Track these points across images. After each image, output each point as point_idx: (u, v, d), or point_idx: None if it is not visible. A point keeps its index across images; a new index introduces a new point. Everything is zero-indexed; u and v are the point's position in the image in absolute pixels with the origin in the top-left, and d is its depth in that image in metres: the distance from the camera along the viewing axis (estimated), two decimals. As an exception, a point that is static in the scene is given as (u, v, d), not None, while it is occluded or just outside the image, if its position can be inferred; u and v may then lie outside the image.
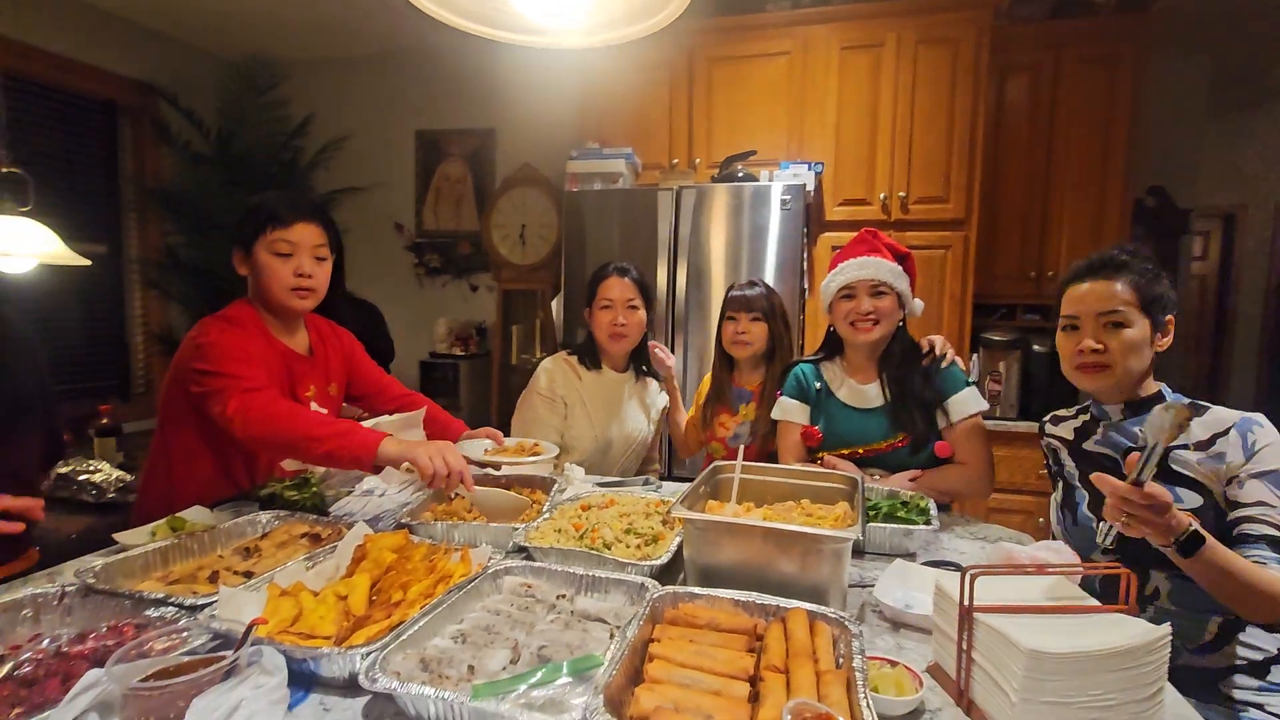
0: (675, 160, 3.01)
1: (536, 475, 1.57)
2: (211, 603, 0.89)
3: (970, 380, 1.65)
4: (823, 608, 0.90)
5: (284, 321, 1.56)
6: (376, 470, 1.26)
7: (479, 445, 1.67)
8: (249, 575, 1.04)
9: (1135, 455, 0.94)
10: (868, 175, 2.82)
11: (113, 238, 3.69)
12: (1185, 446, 1.18)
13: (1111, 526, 0.96)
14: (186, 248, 3.88)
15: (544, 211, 3.66)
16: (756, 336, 1.91)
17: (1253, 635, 1.15)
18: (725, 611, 0.92)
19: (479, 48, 3.85)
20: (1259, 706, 1.12)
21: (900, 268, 1.67)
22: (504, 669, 0.81)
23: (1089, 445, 1.31)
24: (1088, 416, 1.35)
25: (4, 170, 2.12)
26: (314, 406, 1.56)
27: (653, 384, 2.13)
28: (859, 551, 1.31)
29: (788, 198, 2.60)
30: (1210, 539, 0.99)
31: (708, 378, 2.11)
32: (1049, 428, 1.44)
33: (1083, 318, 1.24)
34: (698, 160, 2.99)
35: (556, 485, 1.51)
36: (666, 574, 1.13)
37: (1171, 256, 3.66)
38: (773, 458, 1.79)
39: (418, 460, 1.23)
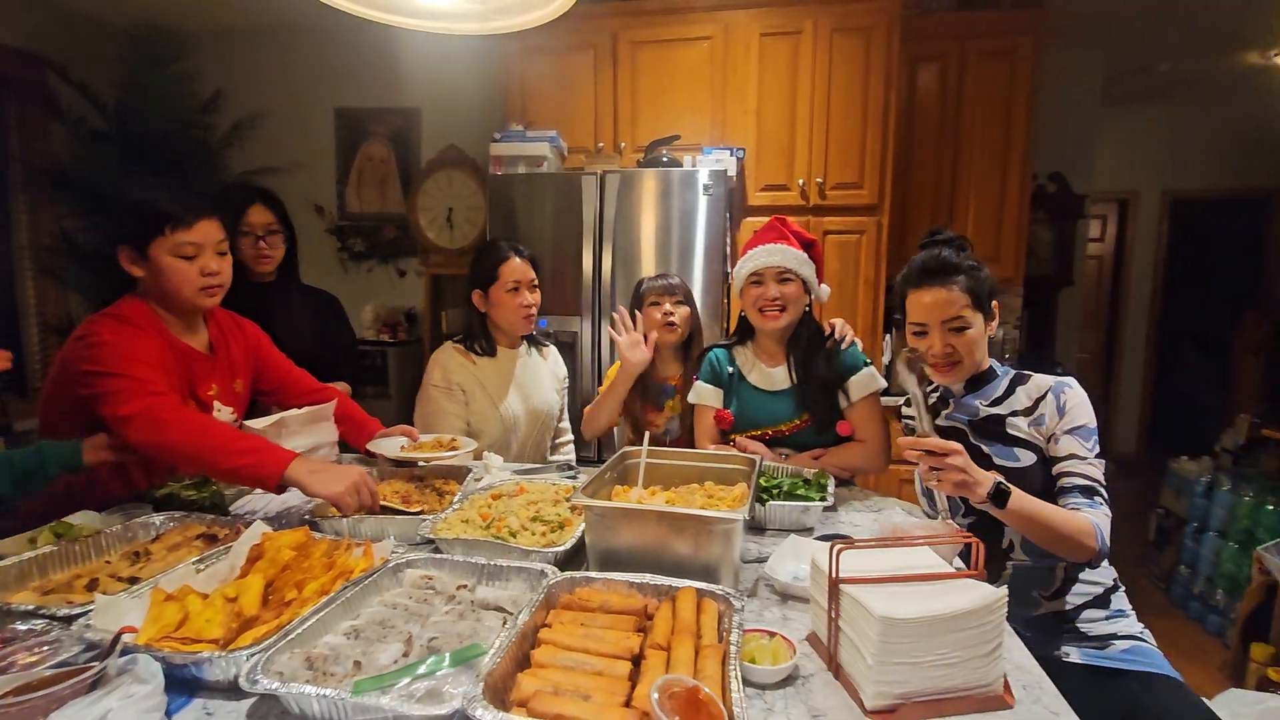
0: (601, 144, 3.01)
1: (453, 466, 1.57)
2: (86, 612, 0.87)
3: (868, 361, 1.73)
4: (711, 585, 0.95)
5: (184, 319, 1.49)
6: (279, 492, 1.24)
7: (395, 443, 1.65)
8: (134, 581, 1.01)
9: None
10: (787, 161, 2.88)
11: (-2, 222, 3.42)
12: (1016, 413, 1.34)
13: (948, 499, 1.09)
14: (85, 232, 3.63)
15: (471, 194, 3.59)
16: (681, 319, 1.94)
17: (1090, 575, 1.31)
18: (619, 594, 0.96)
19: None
20: (1113, 635, 1.28)
21: (806, 255, 1.73)
22: (395, 663, 0.83)
23: (942, 421, 1.43)
24: (937, 396, 1.48)
25: None
26: (217, 406, 1.51)
27: (551, 351, 2.12)
28: (760, 528, 1.37)
29: (710, 183, 2.63)
30: (1017, 491, 1.14)
31: (615, 368, 2.11)
32: (904, 410, 1.56)
33: (930, 325, 1.38)
34: (623, 144, 3.00)
35: (472, 474, 1.52)
36: (574, 560, 1.16)
37: (1070, 238, 3.91)
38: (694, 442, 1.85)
39: (333, 496, 1.21)
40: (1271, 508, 2.73)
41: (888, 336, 3.03)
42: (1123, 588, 1.36)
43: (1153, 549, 3.52)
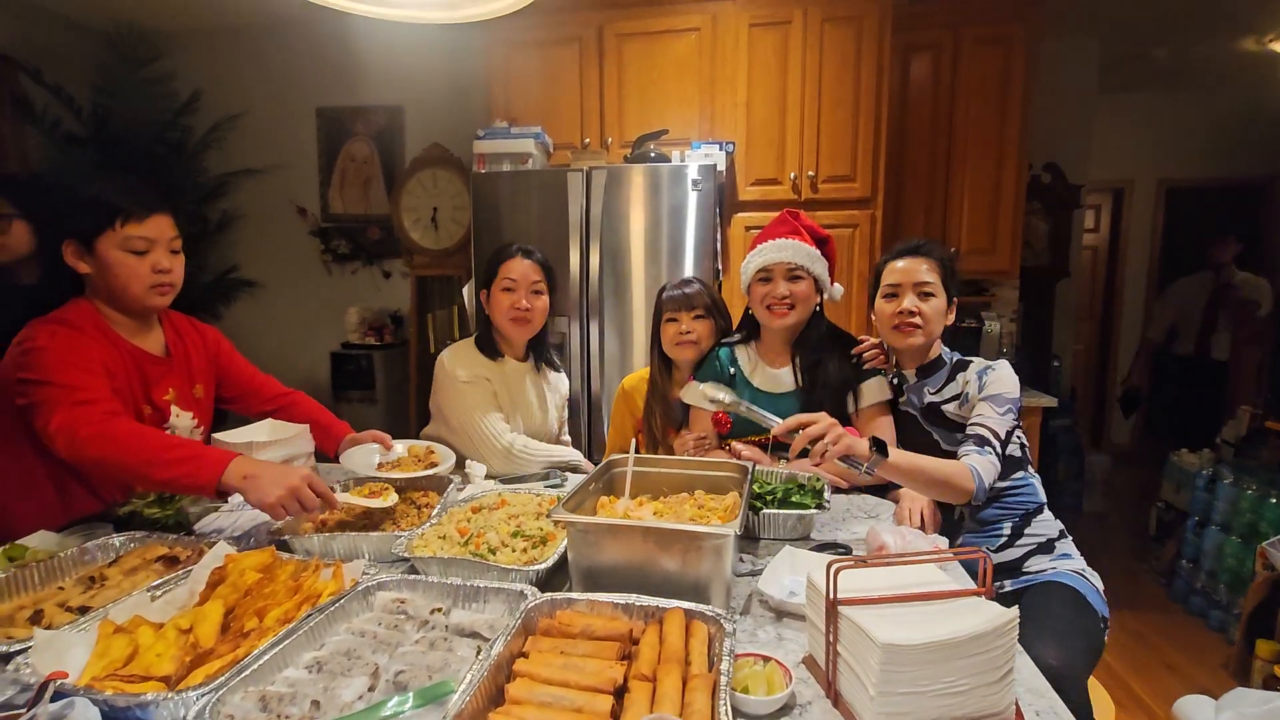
0: (587, 140, 2.94)
1: (431, 476, 1.51)
2: (26, 649, 0.80)
3: (882, 370, 1.66)
4: (701, 606, 0.89)
5: (135, 320, 1.42)
6: (221, 498, 1.17)
7: (367, 454, 1.57)
8: (84, 610, 0.95)
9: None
10: (778, 154, 2.82)
11: (-31, 228, 3.32)
12: (952, 398, 1.48)
13: (861, 468, 1.22)
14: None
15: (456, 193, 3.51)
16: (702, 335, 1.81)
17: (1035, 526, 1.48)
18: (604, 616, 0.90)
19: (380, 20, 3.63)
20: (1055, 568, 1.44)
21: (819, 251, 1.66)
22: (359, 699, 0.77)
23: (901, 406, 1.59)
24: (894, 385, 1.62)
25: None
26: (175, 410, 1.44)
27: (553, 375, 2.02)
28: (754, 538, 1.31)
29: (699, 178, 2.57)
30: (895, 448, 1.26)
31: (638, 378, 2.02)
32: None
33: (903, 286, 1.51)
34: (610, 140, 2.93)
35: (452, 485, 1.45)
36: (557, 577, 1.10)
37: (1065, 229, 3.86)
38: None
39: (265, 506, 1.13)
40: (1275, 501, 2.69)
41: (883, 332, 2.97)
42: (1070, 537, 1.51)
43: (1153, 543, 3.48)
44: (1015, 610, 0.74)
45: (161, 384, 1.43)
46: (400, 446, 1.61)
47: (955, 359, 1.55)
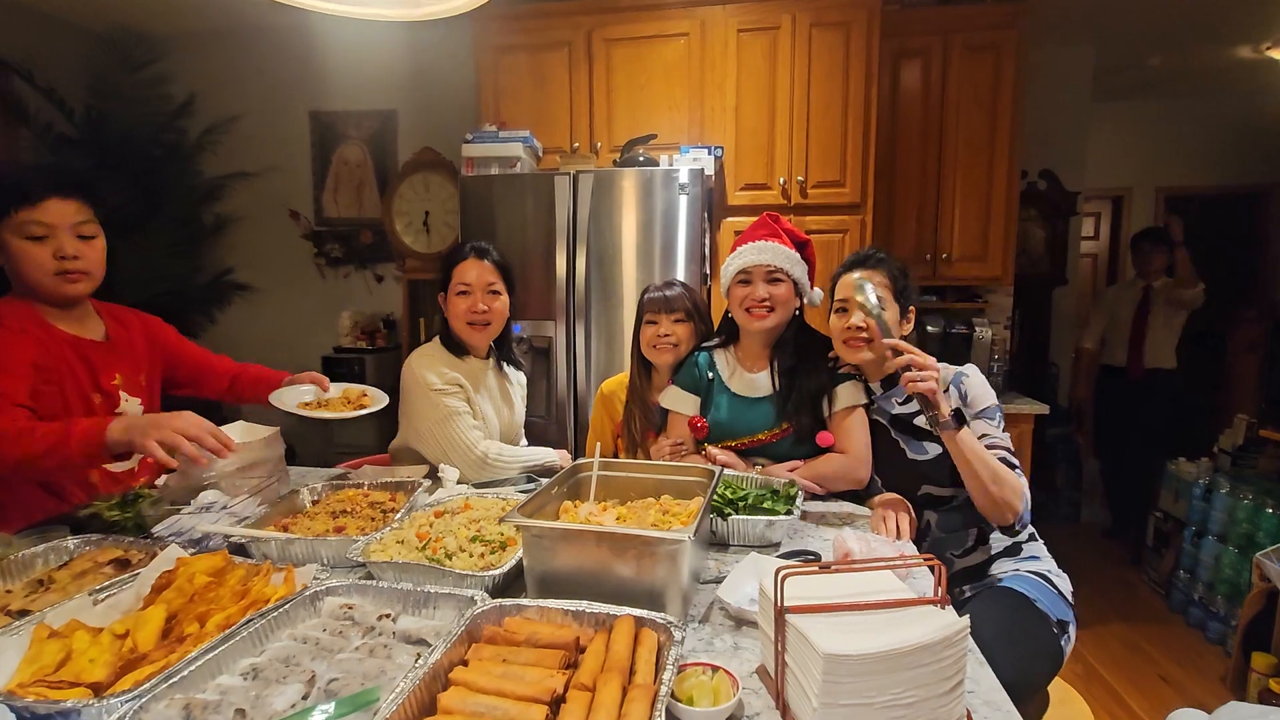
0: (576, 144, 2.93)
1: (400, 480, 1.49)
2: (-49, 654, 0.78)
3: (855, 373, 1.64)
4: (651, 613, 0.86)
5: (66, 310, 1.41)
6: (117, 457, 1.18)
7: (295, 393, 1.55)
8: (23, 614, 0.93)
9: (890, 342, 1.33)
10: (767, 159, 2.81)
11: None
12: (920, 412, 1.45)
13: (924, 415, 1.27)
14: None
15: (448, 197, 3.51)
16: (682, 337, 1.79)
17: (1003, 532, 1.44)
18: (552, 624, 0.87)
19: (374, 24, 3.64)
20: (1016, 570, 1.42)
21: (799, 254, 1.65)
22: (292, 708, 0.74)
23: (872, 415, 1.57)
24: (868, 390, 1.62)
25: None
26: (124, 396, 1.45)
27: (513, 373, 1.98)
28: (723, 544, 1.29)
29: (686, 182, 2.56)
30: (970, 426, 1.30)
31: (616, 383, 2.00)
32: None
33: (850, 301, 1.51)
34: (599, 144, 2.92)
35: (421, 489, 1.43)
36: (515, 585, 1.08)
37: (1062, 236, 3.83)
38: None
39: (148, 449, 1.13)
40: (1271, 511, 2.65)
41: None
42: (1039, 540, 1.50)
43: (1150, 553, 3.43)
44: (965, 620, 0.72)
45: (108, 369, 1.43)
46: (336, 390, 1.59)
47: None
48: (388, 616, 0.93)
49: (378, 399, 1.53)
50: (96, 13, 3.58)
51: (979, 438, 1.35)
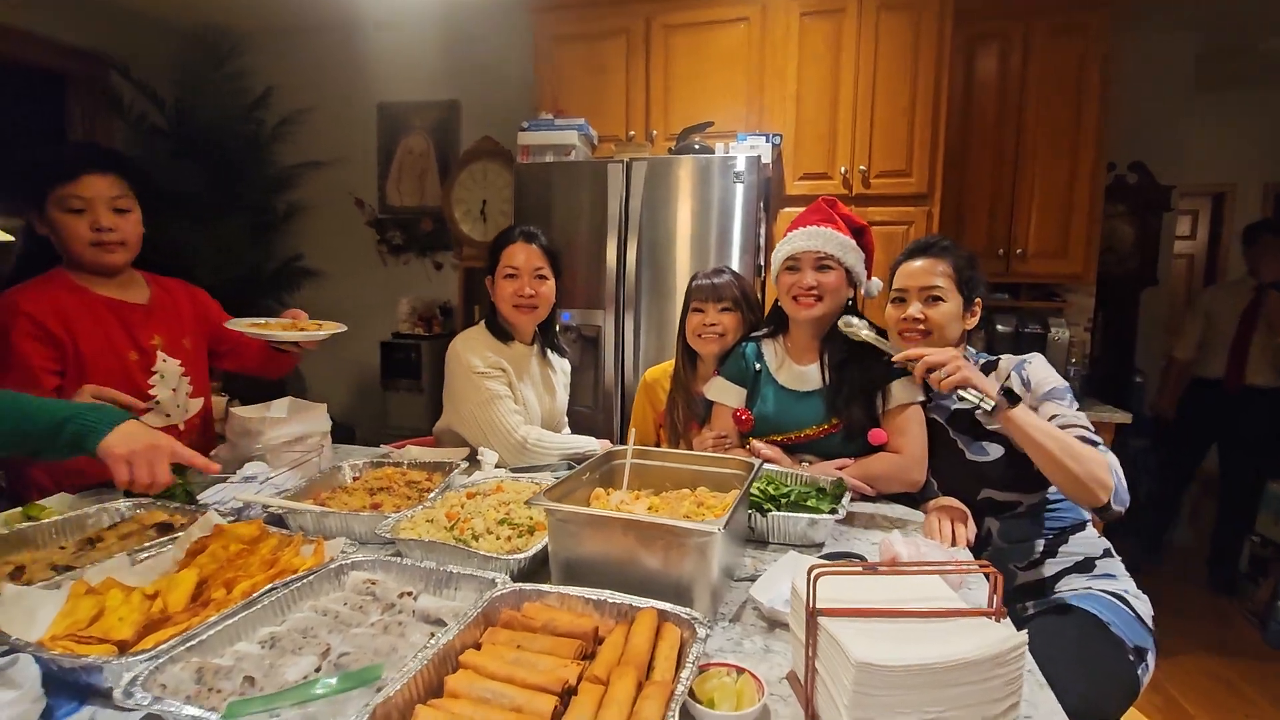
0: (632, 133, 2.89)
1: (439, 461, 1.49)
2: (-6, 603, 0.81)
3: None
4: (677, 608, 0.82)
5: (108, 278, 1.50)
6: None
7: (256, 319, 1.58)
8: (67, 569, 0.96)
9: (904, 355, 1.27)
10: (828, 148, 2.69)
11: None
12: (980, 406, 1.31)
13: (979, 405, 1.17)
14: (144, 224, 3.77)
15: (505, 186, 3.53)
16: (729, 327, 1.73)
17: (1075, 544, 1.34)
18: (572, 612, 0.84)
19: (441, 16, 3.71)
20: (1088, 588, 1.29)
21: (854, 241, 1.56)
22: (305, 678, 0.73)
23: (928, 413, 1.48)
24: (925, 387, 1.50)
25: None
26: (162, 356, 1.52)
27: (556, 359, 1.95)
28: (763, 542, 1.22)
29: (743, 170, 2.48)
30: (1025, 402, 1.21)
31: (660, 371, 1.95)
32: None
33: (909, 291, 1.44)
34: (655, 133, 2.87)
35: (459, 470, 1.43)
36: (541, 571, 1.05)
37: (1154, 234, 3.54)
38: None
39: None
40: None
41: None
42: (1117, 557, 1.36)
43: (1246, 581, 3.13)
44: (1022, 636, 0.64)
45: (146, 329, 1.51)
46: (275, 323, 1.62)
47: (982, 361, 1.46)
48: (409, 594, 0.91)
49: (327, 328, 1.59)
50: (185, 10, 3.78)
51: (1051, 419, 1.25)
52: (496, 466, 1.58)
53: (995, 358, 1.45)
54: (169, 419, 1.53)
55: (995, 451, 1.37)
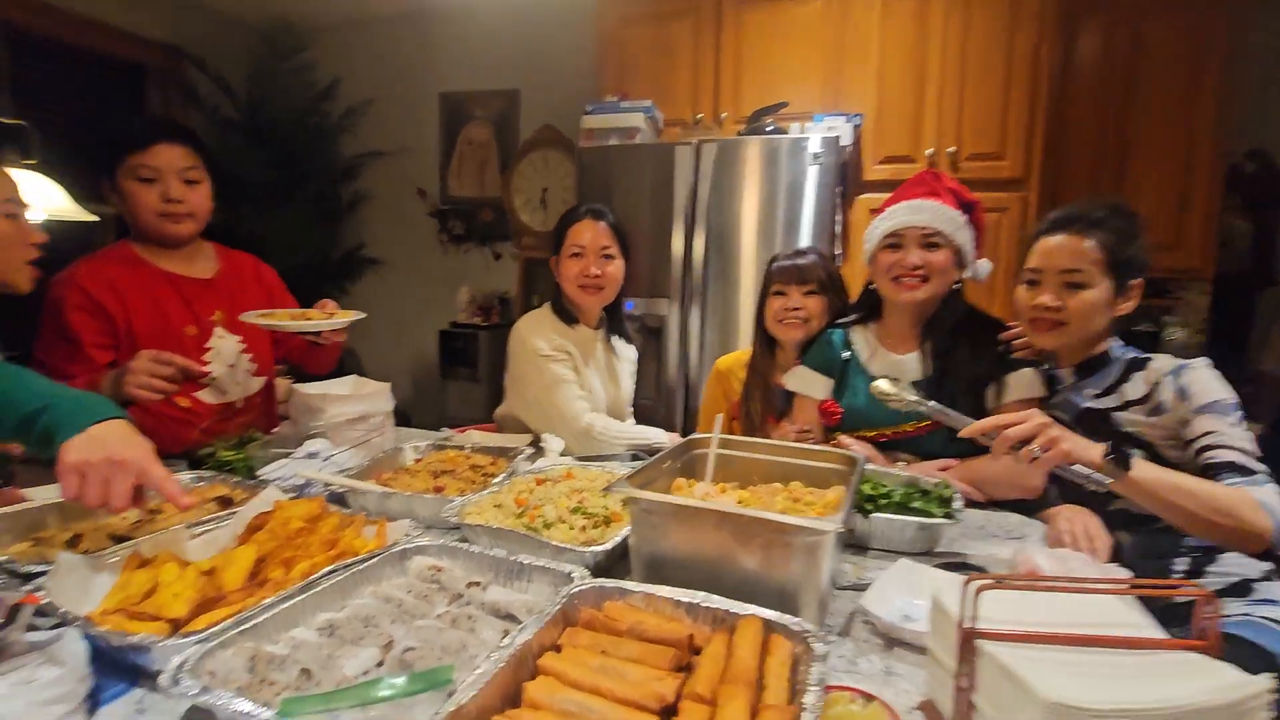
0: (700, 115, 2.78)
1: (503, 446, 1.41)
2: (46, 572, 0.76)
3: (1036, 360, 1.38)
4: (787, 617, 0.70)
5: (173, 250, 1.48)
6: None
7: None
8: (126, 539, 0.91)
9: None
10: (913, 129, 2.52)
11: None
12: (1128, 404, 1.18)
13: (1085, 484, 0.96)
14: (217, 213, 3.87)
15: (566, 174, 3.48)
16: (814, 312, 1.60)
17: (1226, 564, 1.15)
18: (661, 615, 0.73)
19: (503, 2, 3.68)
20: (1246, 614, 1.09)
21: (965, 217, 1.40)
22: (365, 674, 0.65)
23: (1050, 409, 1.27)
24: (1048, 383, 1.34)
25: (4, 121, 2.07)
26: (219, 332, 1.49)
27: (622, 347, 1.86)
28: (861, 547, 1.09)
29: (820, 150, 2.33)
30: (1140, 456, 0.99)
31: (734, 359, 1.83)
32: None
33: (1045, 273, 1.23)
34: (724, 115, 2.75)
35: (522, 455, 1.34)
36: (618, 566, 0.95)
37: (1271, 230, 3.20)
38: None
39: (134, 397, 1.17)
40: None
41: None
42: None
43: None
44: (1267, 681, 0.50)
45: (206, 304, 1.48)
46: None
47: (1130, 356, 1.25)
48: (477, 585, 0.82)
49: (339, 316, 1.49)
50: (257, 6, 3.86)
51: (1205, 435, 1.08)
52: (562, 454, 1.49)
53: (1147, 355, 1.24)
54: (226, 395, 1.50)
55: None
